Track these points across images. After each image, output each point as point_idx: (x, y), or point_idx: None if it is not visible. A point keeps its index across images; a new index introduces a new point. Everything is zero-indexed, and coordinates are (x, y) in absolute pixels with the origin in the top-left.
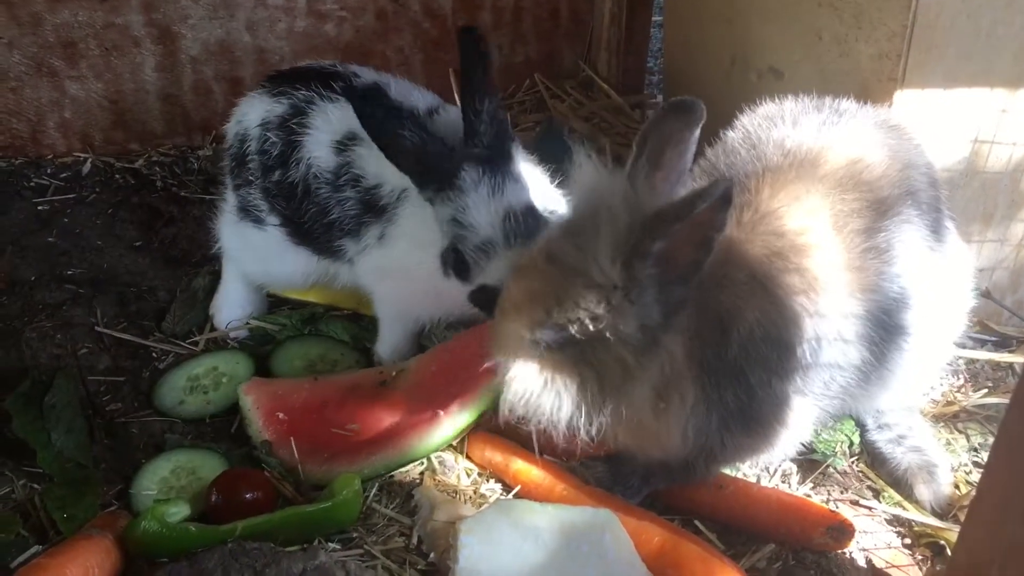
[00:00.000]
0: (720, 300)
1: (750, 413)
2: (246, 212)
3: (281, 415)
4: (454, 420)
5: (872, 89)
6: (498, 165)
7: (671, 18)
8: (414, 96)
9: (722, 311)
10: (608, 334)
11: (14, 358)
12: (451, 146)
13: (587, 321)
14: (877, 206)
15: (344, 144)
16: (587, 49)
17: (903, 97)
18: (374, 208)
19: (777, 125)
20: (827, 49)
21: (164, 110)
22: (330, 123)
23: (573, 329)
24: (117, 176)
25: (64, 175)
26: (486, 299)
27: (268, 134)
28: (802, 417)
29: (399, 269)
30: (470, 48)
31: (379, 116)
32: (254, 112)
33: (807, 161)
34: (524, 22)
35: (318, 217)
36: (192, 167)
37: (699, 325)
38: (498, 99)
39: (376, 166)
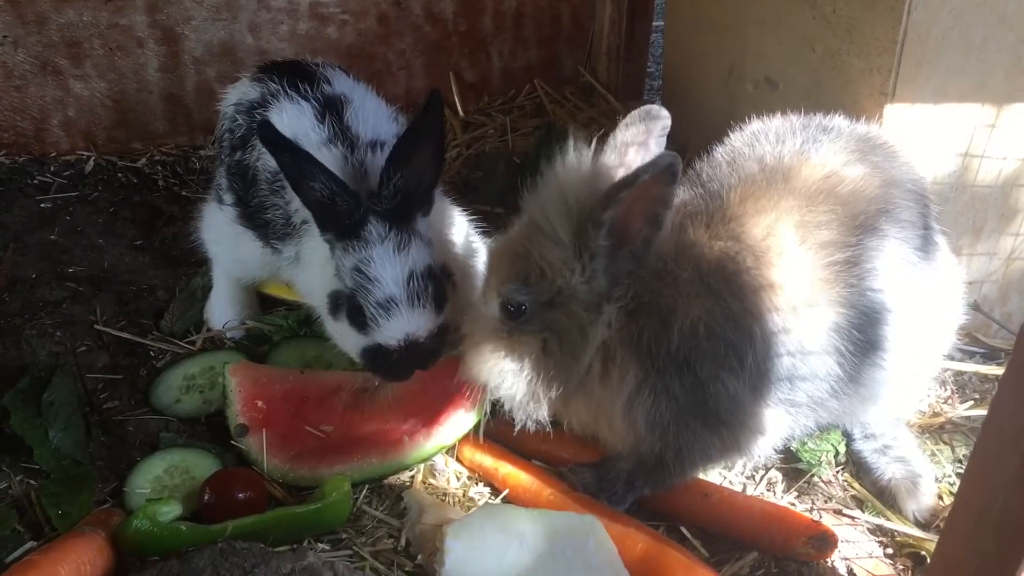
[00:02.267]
0: (661, 293)
1: (706, 408)
2: (215, 192)
3: (260, 403)
4: (417, 448)
5: (863, 103)
6: (404, 224)
7: (671, 25)
8: (369, 121)
9: (662, 304)
10: (563, 290)
11: (14, 355)
12: (359, 198)
13: (547, 271)
14: (849, 221)
15: None
16: (587, 55)
17: (893, 111)
18: (290, 223)
19: (761, 141)
20: (820, 62)
21: (167, 110)
22: (281, 123)
23: (533, 282)
24: (119, 175)
25: (67, 173)
26: (378, 361)
27: (238, 116)
28: (768, 420)
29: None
30: (429, 112)
31: (290, 164)
32: (234, 94)
33: (780, 174)
34: (525, 27)
35: (259, 210)
36: (194, 167)
37: (638, 309)
38: (409, 174)
39: None
